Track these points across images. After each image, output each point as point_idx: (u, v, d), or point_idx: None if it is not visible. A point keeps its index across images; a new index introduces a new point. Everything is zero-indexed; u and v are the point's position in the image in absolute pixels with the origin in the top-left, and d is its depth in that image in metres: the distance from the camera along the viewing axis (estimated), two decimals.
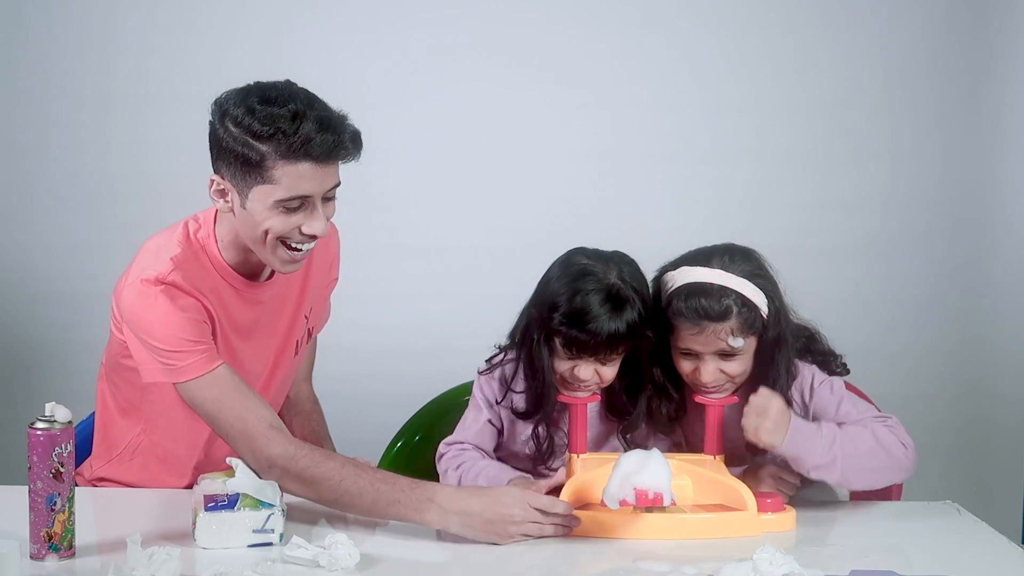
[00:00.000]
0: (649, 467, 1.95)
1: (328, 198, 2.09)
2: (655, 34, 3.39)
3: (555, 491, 2.08)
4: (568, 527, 1.99)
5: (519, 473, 2.14)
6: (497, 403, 2.25)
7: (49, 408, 1.82)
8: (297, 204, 2.04)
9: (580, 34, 3.38)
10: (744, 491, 2.05)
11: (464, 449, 2.23)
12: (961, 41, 3.40)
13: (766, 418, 2.07)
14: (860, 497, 2.30)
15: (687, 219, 3.26)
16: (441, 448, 2.26)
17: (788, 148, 3.41)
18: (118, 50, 3.35)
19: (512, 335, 2.24)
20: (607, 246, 2.21)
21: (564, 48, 3.38)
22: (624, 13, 3.38)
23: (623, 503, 1.94)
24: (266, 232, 2.06)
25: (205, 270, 2.15)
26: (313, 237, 2.08)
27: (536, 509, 1.96)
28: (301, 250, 2.10)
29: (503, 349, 2.27)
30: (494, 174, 3.40)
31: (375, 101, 3.36)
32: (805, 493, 2.17)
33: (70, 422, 1.83)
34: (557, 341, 2.14)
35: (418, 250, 3.41)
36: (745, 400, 2.17)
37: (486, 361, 2.29)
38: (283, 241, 2.08)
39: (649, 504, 1.95)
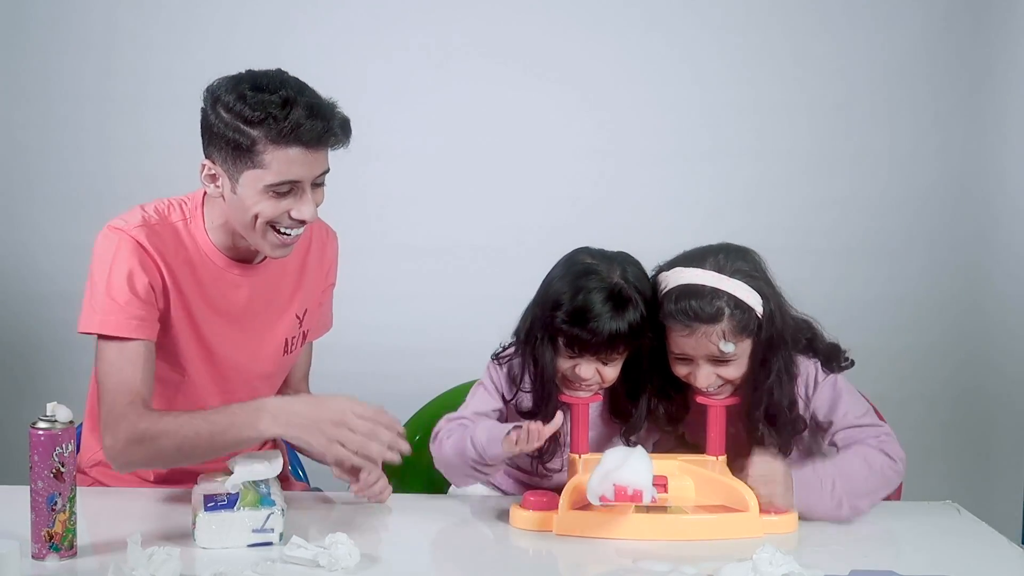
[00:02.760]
0: (629, 464, 1.95)
1: (317, 184, 2.13)
2: (655, 34, 3.40)
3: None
4: (399, 451, 2.01)
5: (513, 425, 2.12)
6: (505, 401, 2.25)
7: (50, 408, 1.83)
8: (287, 189, 2.08)
9: (580, 34, 3.39)
10: (746, 492, 2.04)
11: (463, 424, 2.21)
12: (961, 41, 3.40)
13: (776, 484, 2.06)
14: None
15: (687, 219, 3.26)
16: (441, 423, 2.24)
17: (788, 148, 3.42)
18: (119, 50, 3.36)
19: (517, 334, 2.24)
20: (607, 246, 2.21)
21: (564, 48, 3.39)
22: (624, 13, 3.38)
23: (603, 499, 1.94)
24: (256, 216, 2.10)
25: (180, 243, 2.19)
26: (302, 222, 2.12)
27: (363, 419, 2.00)
28: (290, 235, 2.13)
29: (512, 344, 2.27)
30: (494, 174, 3.40)
31: (376, 101, 3.36)
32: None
33: (71, 422, 1.84)
34: (560, 339, 2.14)
35: (418, 250, 3.41)
36: (744, 405, 2.17)
37: (496, 354, 2.28)
38: (272, 226, 2.12)
39: (628, 500, 1.94)
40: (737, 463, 2.15)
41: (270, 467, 1.99)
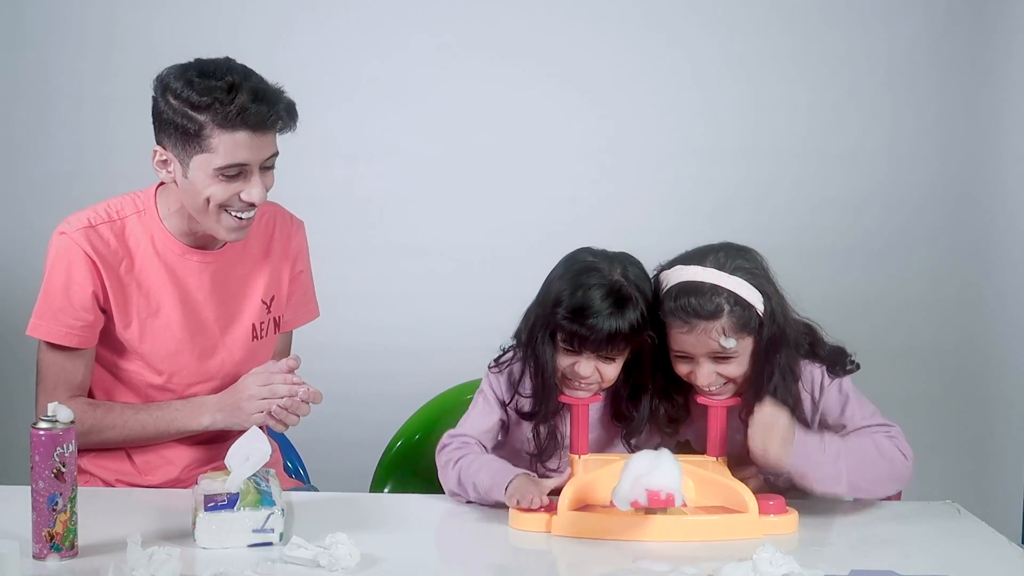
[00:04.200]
0: (660, 468, 1.95)
1: (267, 167, 2.19)
2: (655, 33, 3.40)
3: (559, 492, 2.08)
4: (306, 399, 2.20)
5: (522, 470, 2.15)
6: (505, 405, 2.25)
7: (51, 408, 1.83)
8: (235, 172, 2.15)
9: (580, 33, 3.39)
10: (746, 493, 2.04)
11: (467, 443, 2.21)
12: (961, 41, 3.40)
13: (774, 434, 2.04)
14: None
15: (687, 219, 3.26)
16: (444, 439, 2.24)
17: (788, 148, 3.42)
18: (118, 50, 3.35)
19: (518, 334, 2.23)
20: (607, 246, 2.22)
21: (565, 47, 3.39)
22: (624, 12, 3.38)
23: (635, 504, 1.94)
24: (207, 200, 2.17)
25: (137, 236, 2.25)
26: (252, 205, 2.18)
27: (267, 384, 2.20)
28: (243, 217, 2.20)
29: (510, 349, 2.27)
30: (494, 174, 3.40)
31: (375, 100, 3.37)
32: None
33: (72, 422, 1.84)
34: (559, 336, 2.14)
35: (418, 250, 3.41)
36: (746, 404, 2.17)
37: (495, 360, 2.28)
38: (224, 208, 2.18)
39: (661, 504, 1.94)
40: (741, 469, 2.15)
41: (262, 451, 1.97)
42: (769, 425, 2.05)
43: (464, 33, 3.38)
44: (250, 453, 1.96)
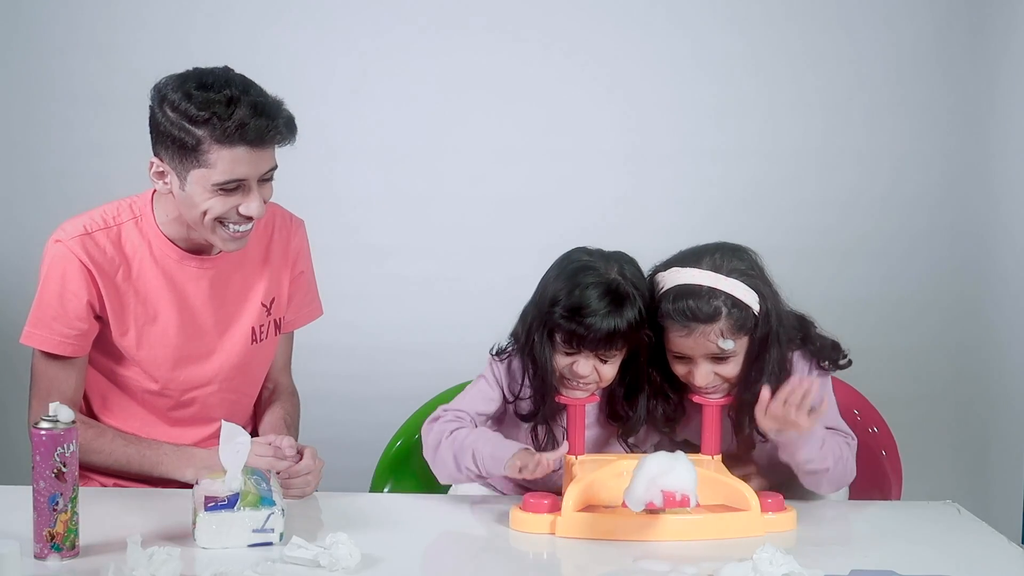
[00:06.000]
0: (676, 470, 1.95)
1: (265, 179, 2.16)
2: (658, 34, 3.39)
3: (559, 491, 2.08)
4: (310, 478, 2.15)
5: (519, 445, 2.12)
6: (504, 394, 2.24)
7: (52, 408, 1.83)
8: (234, 186, 2.13)
9: (583, 34, 3.38)
10: (746, 491, 2.05)
11: (461, 417, 2.21)
12: (962, 42, 3.40)
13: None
14: (860, 496, 2.31)
15: (688, 219, 3.26)
16: (437, 412, 2.23)
17: (789, 147, 3.41)
18: (117, 50, 3.35)
19: (515, 335, 2.23)
20: (608, 246, 2.22)
21: (568, 48, 3.38)
22: (626, 12, 3.38)
23: (650, 506, 1.93)
24: (204, 213, 2.14)
25: (133, 242, 2.23)
26: (250, 218, 2.16)
27: (267, 456, 2.12)
28: (240, 230, 2.18)
29: (510, 345, 2.26)
30: (494, 174, 3.40)
31: (376, 100, 3.36)
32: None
33: (73, 422, 1.84)
34: (557, 336, 2.14)
35: (417, 250, 3.40)
36: (738, 402, 2.17)
37: (496, 351, 2.27)
38: (221, 221, 2.16)
39: (676, 506, 1.94)
40: (739, 468, 2.15)
41: (244, 442, 1.97)
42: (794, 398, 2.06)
43: (467, 32, 3.37)
44: (237, 448, 1.97)
